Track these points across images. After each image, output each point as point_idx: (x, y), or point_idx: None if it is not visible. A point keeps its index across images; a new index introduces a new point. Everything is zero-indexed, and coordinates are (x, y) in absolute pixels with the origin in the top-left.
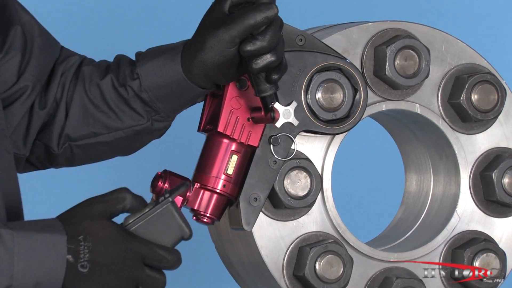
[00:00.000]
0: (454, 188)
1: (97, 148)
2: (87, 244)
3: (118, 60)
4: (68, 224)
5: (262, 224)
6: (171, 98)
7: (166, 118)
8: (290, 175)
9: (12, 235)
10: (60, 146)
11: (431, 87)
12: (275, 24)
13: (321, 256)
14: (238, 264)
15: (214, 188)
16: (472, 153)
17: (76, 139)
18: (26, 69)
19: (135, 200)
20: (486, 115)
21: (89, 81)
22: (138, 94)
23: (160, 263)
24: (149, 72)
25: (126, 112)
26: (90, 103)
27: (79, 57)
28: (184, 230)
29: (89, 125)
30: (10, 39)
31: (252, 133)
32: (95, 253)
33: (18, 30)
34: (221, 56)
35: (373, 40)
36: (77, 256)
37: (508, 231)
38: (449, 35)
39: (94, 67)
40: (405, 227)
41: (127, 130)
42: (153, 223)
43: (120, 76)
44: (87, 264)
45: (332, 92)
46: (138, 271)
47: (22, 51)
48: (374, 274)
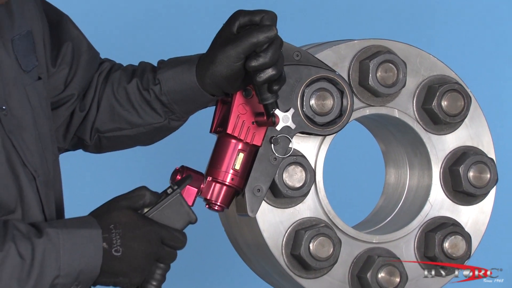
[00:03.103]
0: (427, 180)
1: (122, 140)
2: (117, 231)
3: (143, 66)
4: (99, 217)
5: (264, 211)
6: (186, 102)
7: (180, 118)
8: (288, 169)
9: (57, 233)
10: (91, 138)
11: (407, 95)
12: (276, 43)
13: (314, 238)
14: (244, 245)
15: (224, 181)
16: (442, 151)
17: (104, 131)
18: (73, 80)
19: (153, 196)
20: (454, 119)
21: (118, 84)
22: (158, 97)
23: (175, 242)
24: (169, 79)
25: (148, 112)
26: (117, 103)
27: (109, 63)
28: (191, 215)
29: (115, 121)
30: (62, 54)
31: (256, 134)
32: (125, 238)
33: (70, 46)
34: (229, 69)
35: (358, 55)
36: (111, 243)
37: (473, 217)
38: (423, 51)
39: (122, 71)
40: (385, 214)
41: (148, 126)
42: (166, 211)
43: (144, 81)
44: (119, 248)
45: (323, 100)
46: (159, 249)
47: (70, 65)
48: (359, 253)
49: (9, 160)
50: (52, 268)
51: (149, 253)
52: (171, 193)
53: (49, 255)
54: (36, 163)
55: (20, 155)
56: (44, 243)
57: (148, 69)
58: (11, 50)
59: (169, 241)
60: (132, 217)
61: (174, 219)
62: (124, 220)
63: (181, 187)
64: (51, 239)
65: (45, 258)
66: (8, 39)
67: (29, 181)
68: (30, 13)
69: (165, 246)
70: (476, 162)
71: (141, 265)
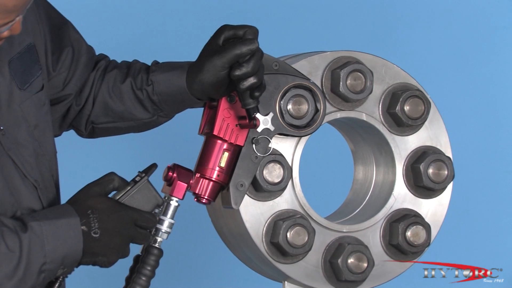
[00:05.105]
0: (391, 176)
1: (114, 130)
2: (95, 215)
3: (137, 67)
4: (77, 204)
5: (246, 203)
6: (175, 103)
7: (168, 116)
8: (268, 166)
9: (40, 225)
10: (86, 129)
11: (374, 100)
12: (257, 54)
13: (291, 227)
14: (229, 234)
15: (211, 177)
16: (404, 150)
17: (98, 123)
18: (71, 80)
19: (121, 180)
20: (415, 122)
21: (113, 83)
22: (150, 97)
23: (147, 223)
24: (161, 81)
25: (138, 109)
26: (111, 100)
27: (105, 61)
28: (158, 198)
29: (109, 115)
30: (62, 59)
31: (239, 135)
32: (102, 221)
33: (70, 51)
34: (215, 77)
35: (330, 65)
36: (90, 226)
37: (432, 209)
38: (388, 61)
39: (118, 70)
40: (354, 206)
41: (138, 121)
42: (136, 196)
43: (137, 81)
44: (97, 230)
45: (299, 105)
46: (132, 230)
47: (69, 68)
48: (331, 241)
49: (6, 176)
50: (39, 256)
51: (124, 234)
52: (140, 180)
53: (34, 246)
54: (35, 174)
55: (21, 169)
56: (29, 236)
57: (143, 70)
58: (7, 72)
59: (142, 223)
60: (107, 203)
61: (144, 202)
62: (100, 206)
63: (148, 174)
64: (35, 231)
65: (31, 249)
66: (5, 61)
67: (30, 191)
68: (32, 25)
69: (138, 227)
70: (435, 160)
71: (117, 245)
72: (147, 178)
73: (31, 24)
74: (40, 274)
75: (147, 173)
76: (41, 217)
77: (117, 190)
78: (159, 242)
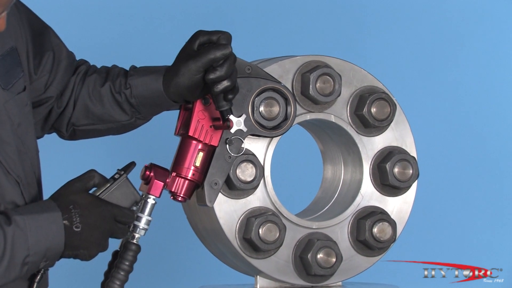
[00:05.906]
0: (358, 175)
1: (93, 132)
2: (76, 210)
3: (116, 72)
4: (59, 200)
5: (220, 201)
6: (152, 105)
7: (145, 118)
8: (241, 166)
9: (24, 219)
10: (67, 130)
11: (342, 103)
12: (230, 59)
13: (263, 224)
14: (203, 230)
15: (186, 176)
16: (371, 150)
17: (78, 126)
18: (52, 84)
19: (101, 177)
20: (381, 123)
21: (93, 87)
22: (128, 99)
23: (126, 218)
24: (139, 85)
25: (117, 112)
26: (91, 103)
27: (85, 66)
28: (136, 195)
29: (89, 118)
30: (43, 63)
31: (213, 136)
32: (83, 216)
33: (51, 56)
34: (190, 81)
35: (300, 69)
36: (71, 221)
37: (398, 206)
38: (355, 65)
39: (97, 75)
40: (323, 204)
41: (117, 123)
42: (115, 193)
43: (116, 85)
44: (79, 224)
45: (271, 107)
46: (112, 225)
47: (50, 72)
48: (301, 237)
49: None
50: (22, 249)
51: (105, 229)
52: (119, 178)
53: (18, 238)
54: (18, 170)
55: (4, 165)
56: (13, 229)
57: (121, 74)
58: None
59: (121, 218)
60: (88, 198)
61: (123, 199)
62: (81, 201)
63: (126, 172)
64: (19, 225)
65: (15, 242)
66: None
67: (13, 186)
68: (14, 29)
69: (117, 222)
70: (400, 159)
71: (97, 239)
72: (126, 175)
73: (13, 29)
74: (24, 266)
75: (126, 171)
76: (24, 211)
77: (97, 187)
78: (137, 238)
